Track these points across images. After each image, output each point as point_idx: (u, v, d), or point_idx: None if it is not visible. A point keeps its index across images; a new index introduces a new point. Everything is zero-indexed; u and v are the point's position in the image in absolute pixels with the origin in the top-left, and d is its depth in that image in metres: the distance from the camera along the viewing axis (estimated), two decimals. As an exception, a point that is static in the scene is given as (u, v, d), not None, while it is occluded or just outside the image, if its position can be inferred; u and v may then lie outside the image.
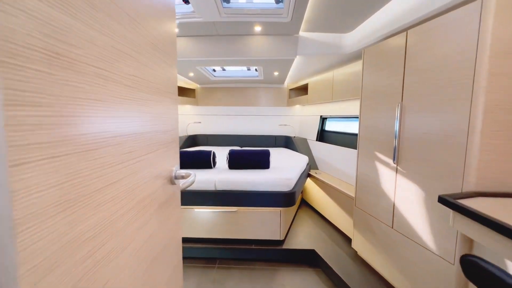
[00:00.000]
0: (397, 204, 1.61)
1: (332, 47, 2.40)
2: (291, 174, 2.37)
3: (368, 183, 1.91)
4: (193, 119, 4.61)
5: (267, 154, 2.52)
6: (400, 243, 1.59)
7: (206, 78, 3.82)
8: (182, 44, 2.47)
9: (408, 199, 1.52)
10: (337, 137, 3.25)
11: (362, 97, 1.96)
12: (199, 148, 4.11)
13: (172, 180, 0.85)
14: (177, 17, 2.07)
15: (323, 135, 3.70)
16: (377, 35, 1.94)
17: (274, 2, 1.93)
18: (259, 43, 2.44)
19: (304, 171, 2.94)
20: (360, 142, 2.00)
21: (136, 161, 0.62)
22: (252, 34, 2.39)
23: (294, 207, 2.94)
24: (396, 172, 1.61)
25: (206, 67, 3.26)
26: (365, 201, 1.94)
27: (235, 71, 3.82)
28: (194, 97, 4.47)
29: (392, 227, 1.66)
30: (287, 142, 4.35)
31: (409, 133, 1.50)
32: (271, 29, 2.27)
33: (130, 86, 0.58)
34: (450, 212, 1.04)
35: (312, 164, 3.58)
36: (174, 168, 0.87)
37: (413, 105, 1.47)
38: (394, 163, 1.61)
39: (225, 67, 3.74)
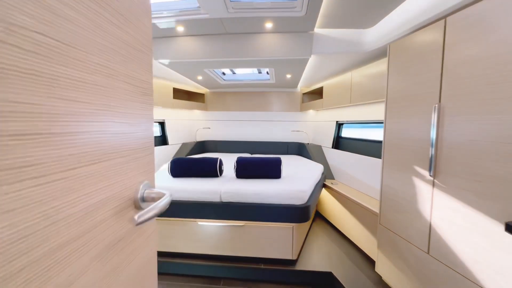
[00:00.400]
0: (435, 225, 1.34)
1: (351, 44, 2.17)
2: (305, 185, 2.12)
3: (396, 198, 1.63)
4: (202, 124, 4.47)
5: (278, 163, 2.30)
6: (440, 274, 1.30)
7: (215, 82, 3.67)
8: (188, 44, 2.32)
9: (450, 220, 1.25)
10: (356, 145, 2.98)
11: (388, 99, 1.71)
12: (206, 155, 3.94)
13: (138, 203, 0.60)
14: (181, 14, 1.93)
15: (339, 142, 3.44)
16: (405, 28, 1.70)
17: (287, -6, 1.74)
18: (270, 41, 2.25)
19: (319, 181, 2.68)
20: (385, 150, 1.74)
21: (64, 178, 0.39)
22: (263, 31, 2.21)
23: (308, 221, 2.68)
24: (433, 186, 1.34)
25: (215, 70, 3.11)
26: (392, 219, 1.67)
27: (246, 74, 3.66)
28: (203, 102, 4.34)
29: (428, 253, 1.38)
30: (300, 150, 4.10)
31: (450, 140, 1.24)
32: (284, 26, 2.08)
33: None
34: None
35: (327, 174, 3.31)
36: (141, 186, 0.62)
37: (454, 106, 1.22)
38: (430, 175, 1.35)
39: (235, 70, 3.58)
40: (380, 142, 2.51)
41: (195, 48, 2.34)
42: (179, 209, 2.07)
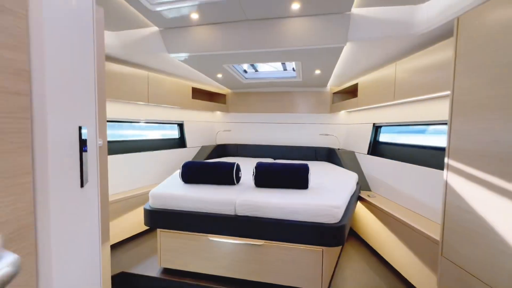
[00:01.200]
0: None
1: (398, 26, 1.76)
2: (339, 199, 1.73)
3: (469, 224, 1.19)
4: (223, 127, 4.23)
5: (305, 170, 1.93)
6: None
7: (237, 82, 3.41)
8: (204, 34, 2.07)
9: None
10: (399, 151, 2.50)
11: (456, 93, 1.28)
12: (226, 159, 3.67)
13: None
14: (194, -4, 1.67)
15: (376, 148, 2.96)
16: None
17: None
18: (297, 27, 1.91)
19: (354, 193, 2.26)
20: (451, 158, 1.30)
21: None
22: (289, 15, 1.88)
23: None
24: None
25: (235, 66, 2.84)
26: (463, 252, 1.22)
27: (269, 72, 3.34)
28: (224, 103, 4.10)
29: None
30: (330, 156, 3.66)
31: None
32: (314, 6, 1.73)
33: None
34: None
35: (362, 184, 2.85)
36: None
37: None
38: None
39: (257, 68, 3.29)
40: (437, 148, 2.03)
41: (211, 39, 2.08)
42: (188, 221, 1.80)
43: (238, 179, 2.09)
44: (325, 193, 1.84)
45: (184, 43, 2.15)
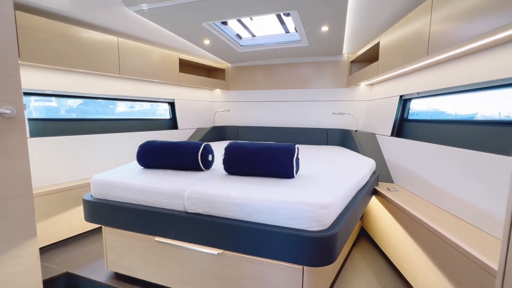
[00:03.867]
0: None
1: None
2: (331, 194, 1.18)
3: None
4: (222, 106, 3.76)
5: (288, 152, 1.39)
6: None
7: (231, 51, 2.89)
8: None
9: None
10: (436, 130, 1.83)
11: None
12: (221, 143, 3.22)
13: None
14: None
15: (403, 128, 2.28)
16: None
17: None
18: None
19: (364, 187, 1.67)
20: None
21: None
22: None
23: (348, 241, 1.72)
24: None
25: (220, 27, 2.31)
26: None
27: (269, 36, 2.75)
28: (223, 79, 3.61)
29: None
30: (344, 139, 3.02)
31: None
32: None
33: None
34: None
35: (382, 174, 2.21)
36: None
37: None
38: None
39: (254, 32, 2.72)
40: (497, 123, 1.36)
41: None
42: (130, 217, 1.38)
43: (208, 163, 1.62)
44: (314, 185, 1.29)
45: (139, -10, 1.67)
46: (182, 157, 1.59)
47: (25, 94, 2.00)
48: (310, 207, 1.05)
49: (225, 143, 3.24)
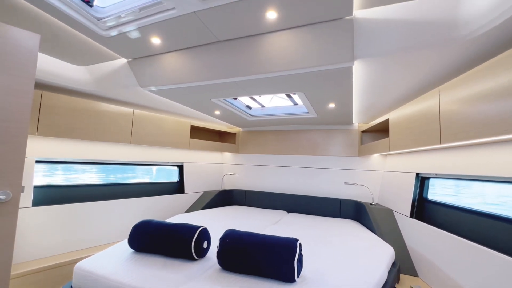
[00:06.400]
0: None
1: (430, 28, 1.11)
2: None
3: None
4: (232, 169, 3.72)
5: (289, 250, 1.23)
6: None
7: (241, 119, 2.97)
8: (172, 63, 1.71)
9: None
10: (468, 220, 1.61)
11: None
12: (227, 209, 3.07)
13: None
14: (141, 14, 1.33)
15: (424, 209, 2.06)
16: None
17: None
18: (282, 44, 1.41)
19: (383, 285, 1.42)
20: None
21: None
22: (269, 30, 1.40)
23: None
24: None
25: (229, 101, 2.41)
26: None
27: (277, 108, 2.83)
28: (234, 142, 3.65)
29: None
30: (359, 212, 2.78)
31: None
32: (296, 12, 1.22)
33: None
34: None
35: (403, 263, 1.92)
36: None
37: None
38: None
39: (263, 103, 2.82)
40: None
41: (181, 67, 1.70)
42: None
43: (202, 251, 1.48)
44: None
45: (153, 75, 1.81)
46: (176, 243, 1.46)
47: (36, 162, 2.07)
48: None
49: (231, 209, 3.09)
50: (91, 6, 1.34)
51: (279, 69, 1.48)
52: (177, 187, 3.19)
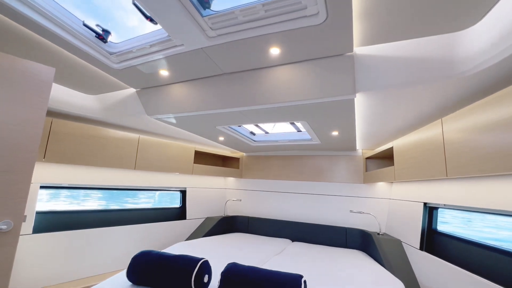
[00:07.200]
0: None
1: (433, 65, 1.15)
2: None
3: None
4: (235, 194, 3.68)
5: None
6: None
7: (245, 145, 2.99)
8: (179, 93, 1.76)
9: None
10: (485, 256, 1.54)
11: None
12: (229, 236, 2.99)
13: None
14: (152, 50, 1.41)
15: (434, 241, 1.98)
16: None
17: (284, -18, 0.99)
18: (285, 78, 1.46)
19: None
20: None
21: None
22: (273, 64, 1.46)
23: None
24: None
25: (233, 128, 2.45)
26: None
27: (281, 134, 2.86)
28: (237, 167, 3.64)
29: None
30: (366, 242, 2.68)
31: None
32: (298, 49, 1.28)
33: None
34: None
35: (415, 301, 1.81)
36: None
37: None
38: None
39: (267, 129, 2.85)
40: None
41: (187, 97, 1.75)
42: None
43: (203, 286, 1.42)
44: None
45: (160, 104, 1.87)
46: (175, 276, 1.41)
47: (41, 187, 2.08)
48: None
49: (233, 237, 3.01)
50: (105, 42, 1.42)
51: (282, 100, 1.52)
52: (179, 213, 3.14)
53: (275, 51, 1.31)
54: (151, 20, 1.26)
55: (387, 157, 2.78)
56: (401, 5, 0.96)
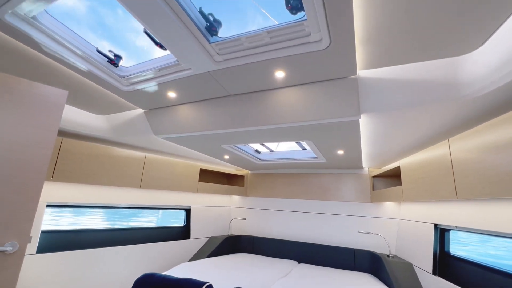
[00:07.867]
0: None
1: (436, 88, 1.16)
2: None
3: None
4: (240, 213, 3.62)
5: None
6: None
7: (250, 163, 2.99)
8: (186, 114, 1.80)
9: None
10: (498, 280, 1.46)
11: None
12: (233, 257, 2.91)
13: None
14: (160, 73, 1.46)
15: (447, 265, 1.90)
16: None
17: (288, 11, 1.04)
18: (290, 100, 1.48)
19: None
20: None
21: None
22: (278, 86, 1.49)
23: None
24: None
25: (239, 147, 2.46)
26: None
27: (286, 152, 2.86)
28: (242, 185, 3.62)
29: None
30: (375, 264, 2.58)
31: None
32: (303, 72, 1.31)
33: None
34: None
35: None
36: None
37: None
38: None
39: (272, 147, 2.86)
40: None
41: (194, 118, 1.79)
42: None
43: (206, 312, 1.37)
44: None
45: (167, 124, 1.91)
46: (177, 302, 1.37)
47: (47, 206, 2.09)
48: None
49: (238, 258, 2.93)
50: (116, 66, 1.48)
51: (287, 121, 1.53)
52: (183, 232, 3.10)
53: (280, 74, 1.34)
54: (160, 46, 1.32)
55: (394, 176, 2.73)
56: (402, 31, 0.98)
